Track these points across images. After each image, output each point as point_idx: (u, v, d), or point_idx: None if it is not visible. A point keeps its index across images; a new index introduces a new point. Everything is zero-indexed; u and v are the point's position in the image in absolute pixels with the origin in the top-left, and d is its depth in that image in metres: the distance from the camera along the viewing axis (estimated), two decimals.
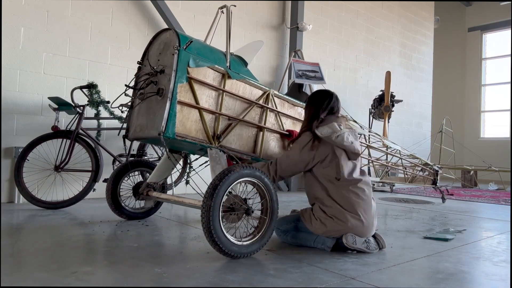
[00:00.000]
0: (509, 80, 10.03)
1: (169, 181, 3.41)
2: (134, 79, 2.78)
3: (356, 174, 2.46)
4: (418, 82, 9.16)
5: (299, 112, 3.29)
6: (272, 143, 3.00)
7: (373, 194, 2.55)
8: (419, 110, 9.15)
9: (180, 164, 4.21)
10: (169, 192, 3.31)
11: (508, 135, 10.25)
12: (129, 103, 2.78)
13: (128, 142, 3.86)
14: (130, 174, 3.28)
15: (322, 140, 2.42)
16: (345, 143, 2.41)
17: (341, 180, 2.39)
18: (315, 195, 2.49)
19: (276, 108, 3.02)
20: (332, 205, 2.38)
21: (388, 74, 6.72)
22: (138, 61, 2.79)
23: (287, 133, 3.07)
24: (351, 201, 2.37)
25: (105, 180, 3.80)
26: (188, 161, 4.33)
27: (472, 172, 7.84)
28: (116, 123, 4.29)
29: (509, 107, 10.24)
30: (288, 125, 3.15)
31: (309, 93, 5.76)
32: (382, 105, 6.83)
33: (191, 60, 2.46)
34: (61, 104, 3.81)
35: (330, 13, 7.11)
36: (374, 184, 6.41)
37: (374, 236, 2.48)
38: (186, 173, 4.51)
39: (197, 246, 2.45)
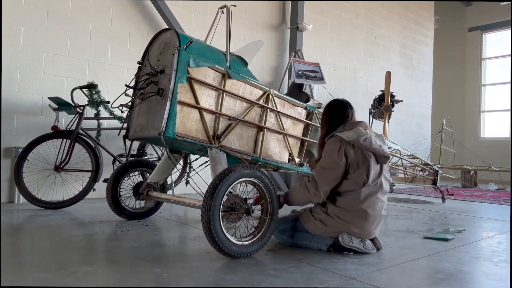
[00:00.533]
0: (509, 80, 10.03)
1: (169, 181, 3.41)
2: (134, 79, 2.77)
3: (380, 181, 2.41)
4: (418, 82, 9.16)
5: (299, 112, 3.29)
6: (272, 143, 3.01)
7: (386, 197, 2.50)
8: (419, 110, 9.15)
9: (180, 164, 4.21)
10: (169, 192, 3.31)
11: (508, 135, 10.25)
12: (129, 103, 2.78)
13: (128, 142, 3.86)
14: (130, 174, 3.28)
15: (350, 144, 2.38)
16: (374, 145, 2.37)
17: (365, 185, 2.35)
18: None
19: (276, 108, 3.02)
20: (339, 207, 2.37)
21: (388, 74, 6.71)
22: (138, 61, 2.78)
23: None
24: (362, 211, 2.33)
25: (105, 180, 3.80)
26: (188, 161, 4.33)
27: (472, 172, 7.84)
28: (116, 123, 4.28)
29: (509, 107, 10.23)
30: (288, 124, 3.15)
31: (309, 93, 5.76)
32: (382, 105, 6.82)
33: (191, 60, 2.46)
34: (61, 104, 3.81)
35: (330, 13, 7.11)
36: None
37: None
38: (186, 173, 4.51)
39: (197, 246, 2.45)
